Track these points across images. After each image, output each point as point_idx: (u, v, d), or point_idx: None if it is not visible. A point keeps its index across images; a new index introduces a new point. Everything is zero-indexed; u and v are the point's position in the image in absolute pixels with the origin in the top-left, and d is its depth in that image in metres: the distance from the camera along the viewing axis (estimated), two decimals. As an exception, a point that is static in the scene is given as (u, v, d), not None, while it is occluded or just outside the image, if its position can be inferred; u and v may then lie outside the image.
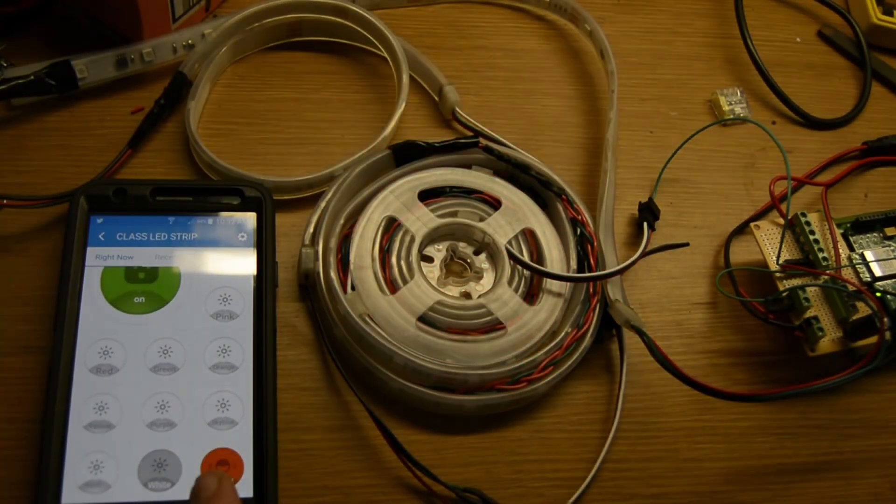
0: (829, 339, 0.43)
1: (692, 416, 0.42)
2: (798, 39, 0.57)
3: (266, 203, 0.42)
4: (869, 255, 0.45)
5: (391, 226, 0.43)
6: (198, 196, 0.42)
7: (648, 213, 0.46)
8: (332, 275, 0.41)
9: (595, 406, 0.42)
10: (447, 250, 0.45)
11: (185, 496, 0.34)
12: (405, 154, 0.45)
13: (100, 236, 0.40)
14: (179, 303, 0.39)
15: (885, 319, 0.40)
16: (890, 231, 0.46)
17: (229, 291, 0.40)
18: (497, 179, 0.46)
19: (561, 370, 0.41)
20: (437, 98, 0.49)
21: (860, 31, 0.56)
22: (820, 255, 0.44)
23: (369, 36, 0.49)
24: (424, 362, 0.39)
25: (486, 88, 0.51)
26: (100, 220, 0.40)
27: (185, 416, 0.36)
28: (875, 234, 0.46)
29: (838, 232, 0.45)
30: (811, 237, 0.44)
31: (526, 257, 0.44)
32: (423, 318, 0.41)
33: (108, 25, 0.46)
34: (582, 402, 0.42)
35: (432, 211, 0.44)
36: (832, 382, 0.39)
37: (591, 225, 0.45)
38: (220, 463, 0.35)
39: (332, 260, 0.41)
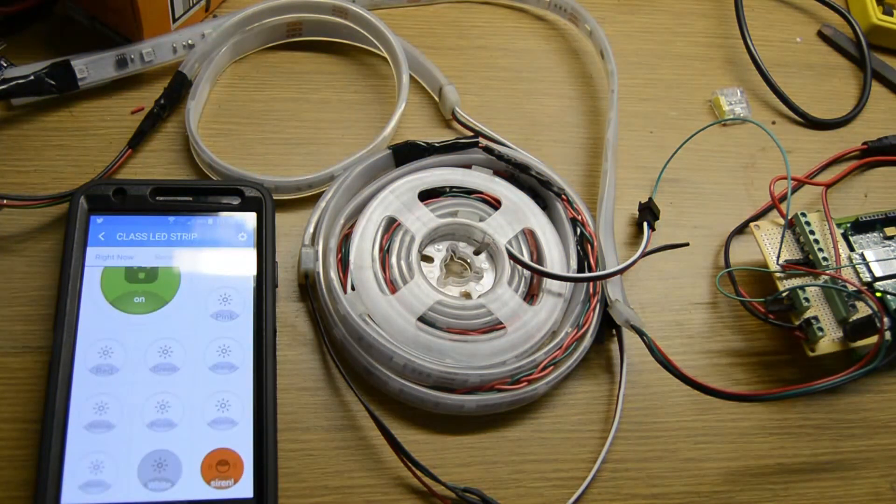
0: (829, 339, 0.43)
1: (692, 416, 0.42)
2: (798, 39, 0.57)
3: (266, 203, 0.42)
4: (869, 255, 0.45)
5: (391, 226, 0.43)
6: (198, 196, 0.42)
7: (648, 213, 0.46)
8: (332, 275, 0.41)
9: (595, 406, 0.42)
10: (447, 250, 0.45)
11: (185, 496, 0.35)
12: (405, 154, 0.45)
13: (100, 236, 0.40)
14: (179, 303, 0.39)
15: (885, 319, 0.40)
16: (890, 231, 0.46)
17: (229, 291, 0.40)
18: (497, 179, 0.46)
19: (561, 370, 0.41)
20: (437, 98, 0.49)
21: (860, 31, 0.56)
22: (820, 255, 0.44)
23: (369, 36, 0.49)
24: (424, 362, 0.39)
25: (486, 88, 0.51)
26: (100, 220, 0.40)
27: (185, 416, 0.36)
28: (875, 234, 0.46)
29: (838, 232, 0.45)
30: (811, 237, 0.44)
31: (526, 257, 0.44)
32: (423, 318, 0.41)
33: (108, 25, 0.47)
34: (582, 402, 0.42)
35: (432, 211, 0.44)
36: (832, 382, 0.39)
37: (591, 225, 0.45)
38: (220, 463, 0.36)
39: (332, 260, 0.41)
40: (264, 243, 0.41)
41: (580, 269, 0.44)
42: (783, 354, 0.45)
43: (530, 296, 0.43)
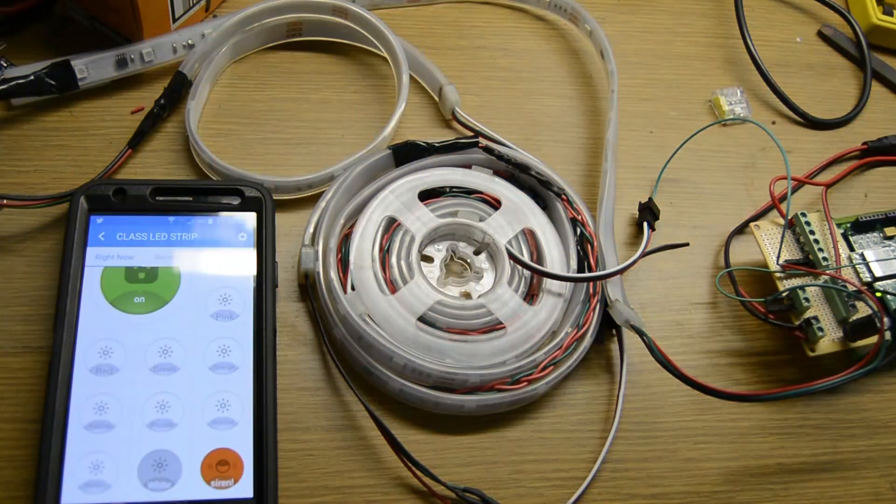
0: (829, 339, 0.43)
1: (692, 416, 0.42)
2: (798, 39, 0.57)
3: (266, 203, 0.42)
4: (869, 255, 0.45)
5: (391, 226, 0.43)
6: (198, 196, 0.42)
7: (648, 213, 0.46)
8: (332, 275, 0.41)
9: (595, 406, 0.42)
10: (447, 250, 0.45)
11: (185, 496, 0.35)
12: (405, 154, 0.45)
13: (100, 236, 0.40)
14: (179, 303, 0.39)
15: (885, 319, 0.40)
16: (890, 231, 0.46)
17: (229, 291, 0.40)
18: (497, 179, 0.46)
19: (561, 370, 0.41)
20: (437, 98, 0.49)
21: (860, 31, 0.56)
22: (820, 255, 0.44)
23: (369, 36, 0.49)
24: (424, 362, 0.39)
25: (486, 88, 0.51)
26: (100, 220, 0.40)
27: (185, 416, 0.36)
28: (875, 234, 0.46)
29: (838, 232, 0.45)
30: (811, 237, 0.44)
31: (526, 257, 0.44)
32: (423, 318, 0.41)
33: (109, 25, 0.47)
34: (582, 402, 0.42)
35: (432, 211, 0.44)
36: (832, 382, 0.39)
37: (591, 225, 0.45)
38: (220, 463, 0.36)
39: (332, 260, 0.41)
40: (264, 243, 0.41)
41: (580, 269, 0.44)
42: (783, 354, 0.45)
43: (530, 296, 0.43)
